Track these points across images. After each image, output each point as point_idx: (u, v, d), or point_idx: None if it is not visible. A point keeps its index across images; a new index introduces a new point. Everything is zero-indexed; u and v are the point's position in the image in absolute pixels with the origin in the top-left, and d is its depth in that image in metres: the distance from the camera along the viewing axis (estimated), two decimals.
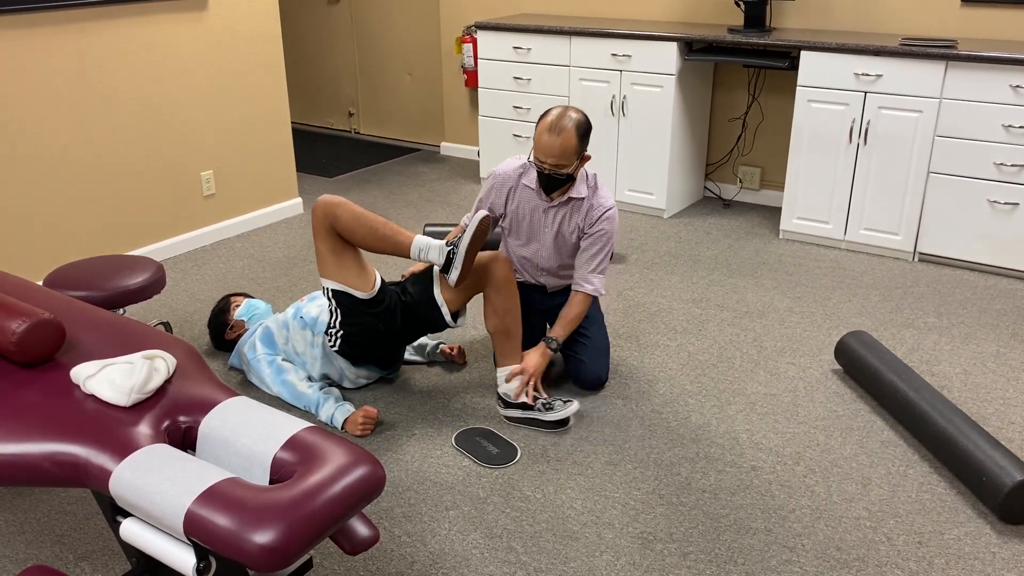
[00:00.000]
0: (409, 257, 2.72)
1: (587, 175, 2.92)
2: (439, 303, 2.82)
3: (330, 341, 2.85)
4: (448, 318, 2.84)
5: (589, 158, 2.83)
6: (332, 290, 2.78)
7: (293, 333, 2.96)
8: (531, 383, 2.84)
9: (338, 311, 2.80)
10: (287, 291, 3.82)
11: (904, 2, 4.28)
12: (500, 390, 2.84)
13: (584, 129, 2.76)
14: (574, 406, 2.77)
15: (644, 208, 4.79)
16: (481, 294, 3.14)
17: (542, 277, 3.07)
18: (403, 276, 3.01)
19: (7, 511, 2.43)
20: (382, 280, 2.85)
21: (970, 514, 2.40)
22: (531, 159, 2.84)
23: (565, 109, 2.77)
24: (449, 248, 2.69)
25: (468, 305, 3.64)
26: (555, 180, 2.81)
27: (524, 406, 2.81)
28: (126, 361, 1.91)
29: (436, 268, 2.86)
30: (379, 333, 2.84)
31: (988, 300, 3.71)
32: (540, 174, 2.81)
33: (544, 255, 2.99)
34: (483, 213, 2.67)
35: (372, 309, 2.80)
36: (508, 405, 2.83)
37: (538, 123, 2.78)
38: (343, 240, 2.73)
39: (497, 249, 3.24)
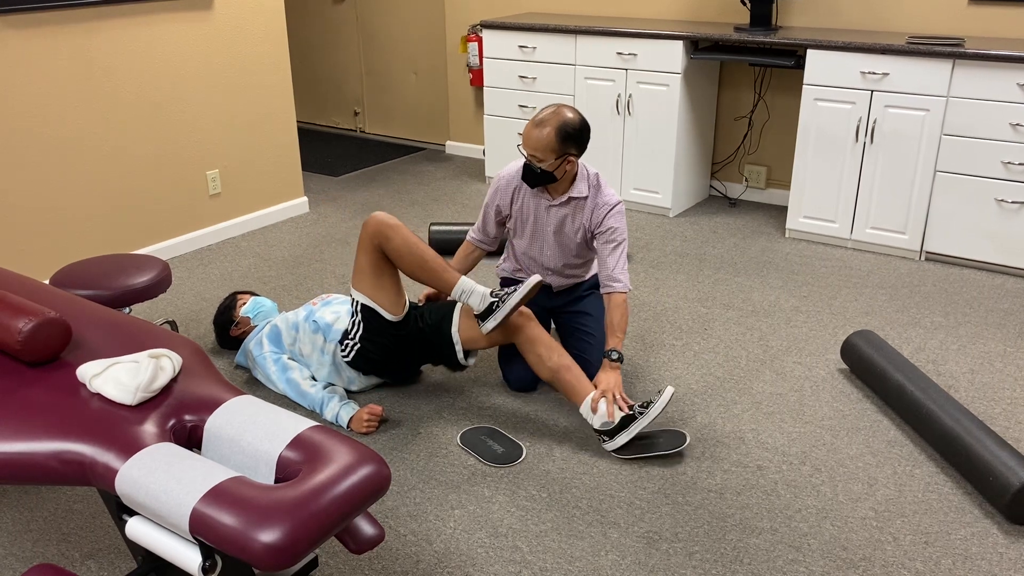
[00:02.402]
0: (449, 296, 2.73)
1: (588, 173, 2.90)
2: (455, 342, 2.81)
3: (344, 351, 2.86)
4: (460, 356, 2.83)
5: (572, 161, 2.79)
6: (361, 304, 2.79)
7: (302, 335, 2.96)
8: (617, 397, 2.68)
9: (361, 325, 2.81)
10: (293, 290, 3.82)
11: (911, 0, 4.26)
12: (596, 426, 2.63)
13: (568, 132, 2.72)
14: (669, 391, 2.62)
15: (650, 207, 4.79)
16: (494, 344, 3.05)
17: (548, 277, 3.06)
18: (419, 300, 3.02)
19: (13, 509, 2.44)
20: (410, 305, 2.85)
21: (977, 514, 2.39)
22: (519, 145, 2.85)
23: (560, 108, 2.76)
24: (493, 300, 2.68)
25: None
26: (532, 172, 2.80)
27: (624, 421, 2.60)
28: (132, 360, 1.91)
29: (458, 306, 2.85)
30: (394, 355, 2.85)
31: (995, 299, 3.70)
32: (524, 164, 2.82)
33: (548, 254, 2.99)
34: (537, 278, 2.66)
35: (395, 332, 2.81)
36: (613, 435, 2.62)
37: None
38: (387, 260, 2.74)
39: (503, 251, 3.23)
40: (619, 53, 4.54)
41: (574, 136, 2.74)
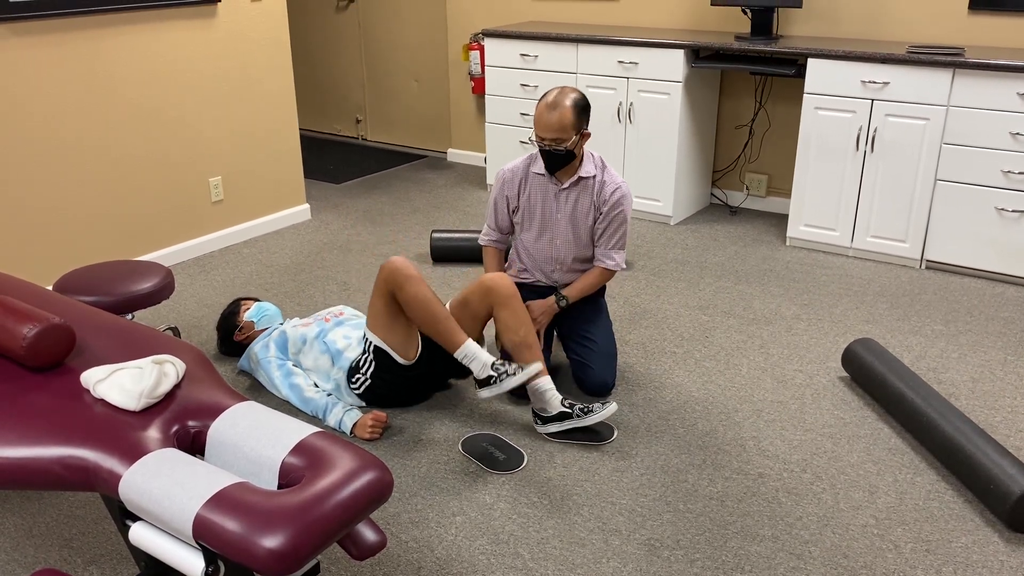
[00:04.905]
0: (452, 353, 2.70)
1: (594, 156, 2.98)
2: None
3: (354, 385, 2.87)
4: None
5: (589, 135, 2.88)
6: (375, 346, 2.80)
7: (308, 350, 2.96)
8: (534, 330, 2.87)
9: (373, 363, 2.82)
10: (294, 296, 3.83)
11: (911, 10, 4.28)
12: (535, 407, 2.76)
13: (581, 106, 2.81)
14: (612, 406, 2.72)
15: (651, 215, 4.80)
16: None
17: (555, 273, 3.07)
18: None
19: (16, 515, 2.44)
20: (422, 348, 2.85)
21: (978, 522, 2.39)
22: (531, 138, 2.89)
23: (563, 88, 2.84)
24: (492, 375, 2.64)
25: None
26: (556, 156, 2.85)
27: (561, 416, 2.71)
28: (136, 366, 1.92)
29: (448, 304, 2.86)
30: (404, 392, 2.88)
31: (996, 308, 3.71)
32: (543, 152, 2.86)
33: (559, 243, 3.01)
34: (539, 366, 2.63)
35: (407, 373, 2.83)
36: (545, 421, 2.75)
37: (538, 103, 2.84)
38: (400, 306, 2.74)
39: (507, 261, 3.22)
40: (620, 62, 4.55)
41: (586, 109, 2.84)
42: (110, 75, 3.79)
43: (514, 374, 2.63)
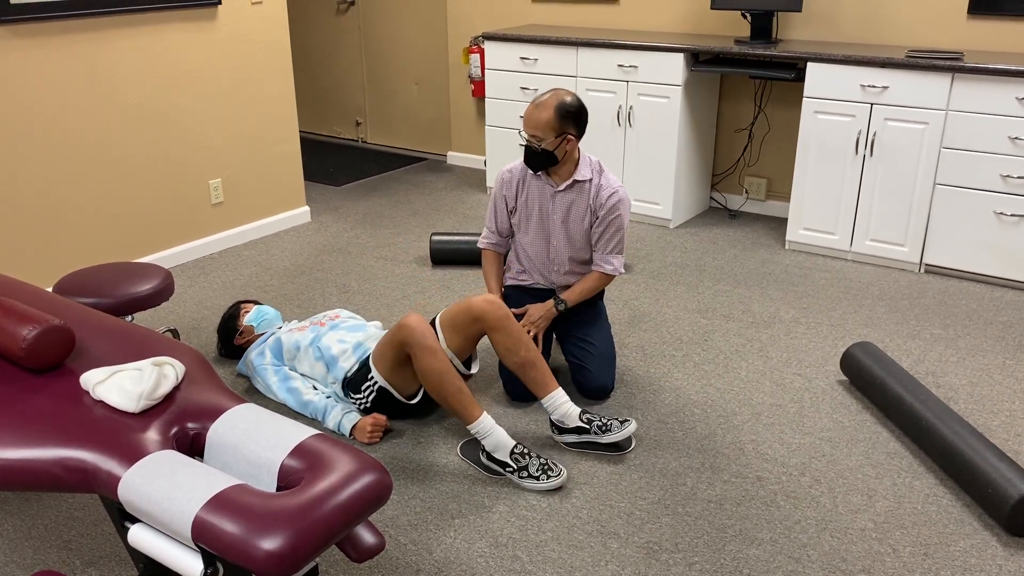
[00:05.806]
0: (467, 426, 2.61)
1: (591, 160, 2.99)
2: (449, 356, 2.79)
3: (352, 401, 2.87)
4: (461, 367, 2.85)
5: (572, 140, 2.88)
6: (378, 385, 2.79)
7: (303, 356, 2.96)
8: (533, 333, 2.95)
9: (374, 394, 2.81)
10: (294, 299, 3.83)
11: (910, 14, 4.29)
12: (553, 417, 2.71)
13: (567, 110, 2.83)
14: (632, 426, 2.68)
15: (650, 218, 4.80)
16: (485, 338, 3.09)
17: (553, 275, 3.08)
18: None
19: (15, 516, 2.44)
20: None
21: (976, 526, 2.39)
22: (521, 131, 2.92)
23: (557, 91, 2.87)
24: (510, 465, 2.54)
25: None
26: (534, 152, 2.88)
27: (579, 430, 2.68)
28: (135, 367, 1.92)
29: (438, 318, 2.83)
30: (402, 414, 2.88)
31: (994, 312, 3.71)
32: (525, 147, 2.89)
33: (555, 244, 3.02)
34: (564, 477, 2.53)
35: (405, 407, 2.83)
36: (563, 431, 2.72)
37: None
38: (411, 361, 2.69)
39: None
40: (620, 65, 4.56)
41: (572, 115, 2.84)
42: (111, 77, 3.79)
43: (536, 477, 2.52)
